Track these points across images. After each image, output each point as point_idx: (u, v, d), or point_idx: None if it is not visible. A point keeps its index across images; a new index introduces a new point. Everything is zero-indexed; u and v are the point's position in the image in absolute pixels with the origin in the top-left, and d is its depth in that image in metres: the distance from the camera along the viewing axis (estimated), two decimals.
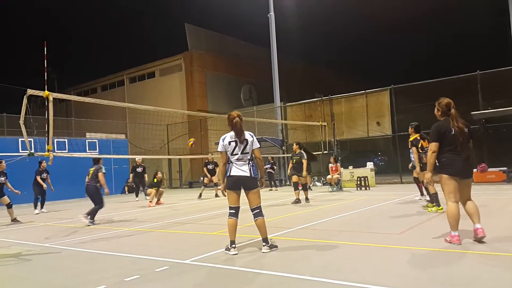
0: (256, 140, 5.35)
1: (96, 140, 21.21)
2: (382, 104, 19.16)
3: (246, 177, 5.17)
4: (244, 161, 5.21)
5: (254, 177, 5.21)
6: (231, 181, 5.21)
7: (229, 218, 5.26)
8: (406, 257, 4.64)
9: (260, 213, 5.24)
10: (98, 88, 36.57)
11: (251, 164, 5.24)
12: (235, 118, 5.19)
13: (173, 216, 10.03)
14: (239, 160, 5.20)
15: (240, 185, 5.24)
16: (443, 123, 5.05)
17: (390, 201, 10.55)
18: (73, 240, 7.21)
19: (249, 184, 5.21)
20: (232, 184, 5.22)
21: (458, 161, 4.92)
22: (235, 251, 5.17)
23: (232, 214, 5.25)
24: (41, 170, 13.10)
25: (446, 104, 5.09)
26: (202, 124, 26.31)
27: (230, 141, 5.22)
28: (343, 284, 3.74)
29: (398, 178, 17.68)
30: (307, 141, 21.00)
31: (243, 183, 5.22)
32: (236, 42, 32.80)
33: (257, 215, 5.23)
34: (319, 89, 29.91)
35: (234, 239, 5.23)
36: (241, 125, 5.21)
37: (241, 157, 5.20)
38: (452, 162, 4.93)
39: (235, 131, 5.21)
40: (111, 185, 22.28)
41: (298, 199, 11.32)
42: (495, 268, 4.01)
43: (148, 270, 4.66)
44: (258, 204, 5.25)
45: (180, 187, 25.92)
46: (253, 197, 5.24)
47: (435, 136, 5.02)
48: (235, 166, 5.20)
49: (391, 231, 6.33)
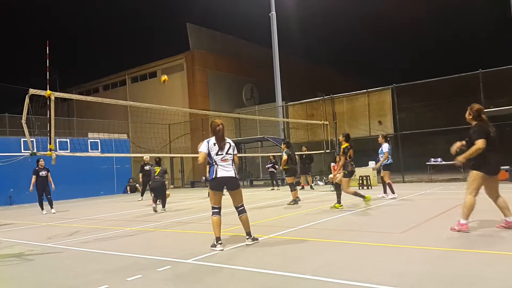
0: (235, 147, 5.75)
1: (98, 140, 21.24)
2: (384, 103, 19.13)
3: (231, 177, 5.54)
4: (229, 161, 5.56)
5: (237, 177, 5.64)
6: (216, 182, 5.55)
7: (213, 216, 5.57)
8: (408, 256, 4.65)
9: (244, 210, 5.72)
10: (100, 88, 36.61)
11: (233, 164, 5.61)
12: (219, 125, 5.58)
13: (175, 216, 10.04)
14: (224, 161, 5.54)
15: (224, 186, 5.62)
16: (484, 125, 5.46)
17: (392, 200, 10.54)
18: (76, 240, 7.22)
19: (233, 184, 5.61)
20: (216, 185, 5.57)
21: (495, 161, 5.43)
22: (221, 247, 5.43)
23: (216, 212, 5.59)
24: (38, 169, 12.77)
25: (477, 110, 5.52)
26: (204, 123, 26.32)
27: (214, 143, 5.59)
28: (344, 283, 3.74)
29: (400, 177, 17.65)
30: (309, 140, 21.01)
31: (227, 183, 5.59)
32: (237, 41, 32.78)
33: (242, 212, 5.69)
34: (321, 88, 29.85)
35: (220, 236, 5.52)
36: (223, 132, 5.61)
37: (226, 157, 5.55)
38: (491, 162, 5.39)
39: (216, 138, 5.58)
40: (113, 184, 22.37)
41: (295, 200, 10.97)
42: (499, 267, 3.99)
43: (150, 269, 4.66)
44: (242, 202, 5.72)
45: (182, 187, 25.96)
46: (237, 196, 5.68)
47: (484, 134, 5.35)
48: (220, 167, 5.52)
49: (393, 230, 6.33)
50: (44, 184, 12.82)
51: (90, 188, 20.69)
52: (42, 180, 12.78)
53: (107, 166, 21.93)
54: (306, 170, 17.20)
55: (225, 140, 5.63)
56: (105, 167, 21.84)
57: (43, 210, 12.80)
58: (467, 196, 5.53)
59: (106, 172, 21.94)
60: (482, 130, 5.41)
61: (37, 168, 12.84)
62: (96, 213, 12.20)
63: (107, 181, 21.96)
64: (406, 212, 8.46)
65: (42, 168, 12.84)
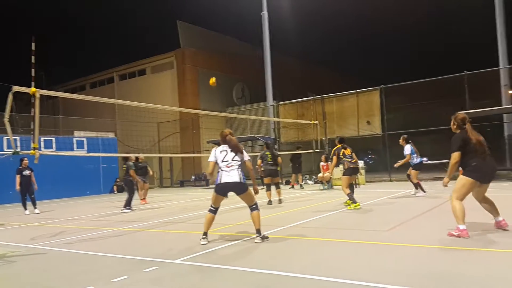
0: (247, 154, 5.89)
1: (85, 139, 20.95)
2: (373, 104, 19.27)
3: (235, 182, 5.66)
4: (233, 166, 5.70)
5: (243, 182, 5.70)
6: (220, 187, 5.73)
7: (208, 213, 5.83)
8: (395, 254, 4.68)
9: (256, 208, 5.80)
10: (87, 86, 36.15)
11: (239, 170, 5.74)
12: (228, 135, 5.81)
13: (163, 216, 9.95)
14: (229, 166, 5.69)
15: (228, 191, 5.78)
16: (461, 134, 5.44)
17: (380, 198, 10.61)
18: (60, 240, 7.09)
19: (238, 188, 5.73)
20: (220, 190, 5.76)
21: (490, 169, 5.38)
22: (205, 241, 5.73)
23: (212, 211, 5.83)
24: (22, 168, 12.47)
25: (461, 119, 5.52)
26: (194, 122, 26.19)
27: (221, 150, 5.81)
28: (333, 281, 3.74)
29: (387, 176, 17.81)
30: (299, 140, 21.07)
31: (233, 188, 5.73)
32: (229, 40, 32.64)
33: (253, 210, 5.80)
34: (312, 88, 29.93)
35: (207, 231, 5.81)
36: (234, 140, 5.82)
37: (231, 163, 5.70)
38: (484, 170, 5.32)
39: (229, 146, 5.78)
40: (99, 184, 22.04)
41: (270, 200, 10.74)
42: (485, 265, 4.03)
43: (136, 270, 4.59)
44: (253, 202, 5.81)
45: (171, 186, 25.80)
46: (246, 198, 5.81)
47: (457, 146, 5.36)
48: (225, 173, 5.69)
49: (380, 228, 6.36)
50: (28, 183, 12.52)
51: (75, 187, 20.29)
52: (25, 179, 12.48)
53: (93, 165, 21.56)
54: (297, 170, 17.26)
55: (239, 147, 5.82)
56: (91, 166, 21.47)
57: (26, 210, 12.51)
58: (454, 201, 5.36)
59: (92, 172, 21.56)
60: (458, 141, 5.38)
61: (20, 167, 12.54)
62: (82, 213, 12.02)
63: (93, 181, 21.60)
64: (393, 210, 8.53)
65: (25, 167, 12.57)
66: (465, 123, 5.47)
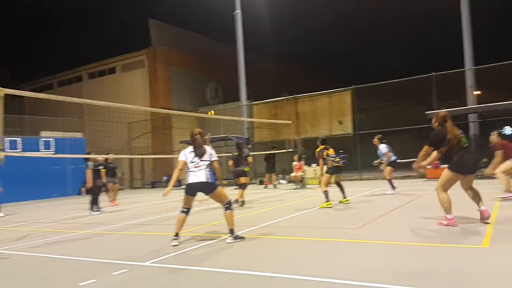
0: (215, 154, 5.91)
1: (52, 139, 20.26)
2: (344, 104, 19.57)
3: (202, 182, 5.66)
4: (201, 167, 5.70)
5: (211, 182, 5.69)
6: (188, 187, 5.77)
7: (180, 213, 5.83)
8: (366, 251, 4.75)
9: (229, 207, 5.81)
10: (54, 84, 35.09)
11: (208, 170, 5.72)
12: (196, 135, 5.82)
13: (133, 218, 9.75)
14: (197, 167, 5.70)
15: (196, 191, 5.79)
16: (439, 131, 5.80)
17: (350, 197, 10.75)
18: (25, 244, 6.83)
19: (205, 188, 5.73)
20: (189, 190, 5.79)
21: (472, 161, 5.70)
22: (177, 242, 5.69)
23: (184, 211, 5.84)
24: None
25: (442, 117, 5.85)
26: (166, 122, 25.83)
27: (190, 151, 5.83)
28: (305, 279, 3.77)
29: (358, 175, 18.13)
30: (273, 140, 21.15)
31: (200, 189, 5.74)
32: (202, 39, 32.36)
33: (226, 209, 5.81)
34: (285, 88, 30.07)
35: (179, 232, 5.78)
36: (200, 141, 5.81)
37: (199, 163, 5.72)
38: (466, 162, 5.64)
39: (194, 146, 5.81)
40: (66, 186, 21.37)
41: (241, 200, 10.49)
42: (454, 260, 4.14)
43: (105, 273, 4.47)
44: (226, 200, 5.82)
45: (142, 187, 25.36)
46: (217, 198, 5.83)
47: (430, 141, 5.82)
48: (192, 173, 5.72)
49: (351, 226, 6.45)
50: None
51: (42, 189, 19.56)
52: None
53: (60, 166, 20.86)
54: (271, 169, 17.32)
55: (203, 148, 5.81)
56: (58, 168, 20.78)
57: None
58: (439, 194, 5.75)
59: (59, 173, 20.87)
60: (433, 136, 5.81)
61: None
62: (48, 216, 11.64)
63: (60, 182, 20.89)
64: (364, 208, 8.68)
65: None
66: (446, 120, 5.80)
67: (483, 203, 5.78)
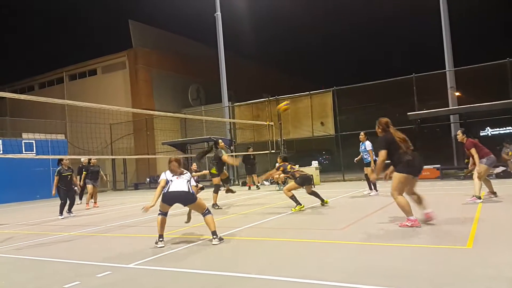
0: (192, 180, 6.12)
1: (33, 141, 19.95)
2: (326, 105, 19.79)
3: (184, 192, 5.75)
4: (183, 179, 5.86)
5: (191, 192, 5.82)
6: (167, 196, 5.79)
7: (159, 216, 5.88)
8: (348, 252, 4.84)
9: (208, 212, 5.87)
10: (35, 86, 34.53)
11: (189, 183, 5.87)
12: (172, 162, 5.97)
13: (117, 219, 9.71)
14: (178, 178, 5.86)
15: (175, 202, 5.87)
16: (385, 136, 5.96)
17: (334, 198, 10.91)
18: (8, 246, 6.77)
19: (186, 199, 5.82)
20: (167, 200, 5.81)
21: (418, 163, 5.84)
22: (162, 244, 5.72)
23: (162, 214, 5.90)
24: None
25: (385, 123, 6.01)
26: (148, 123, 25.67)
27: (172, 175, 5.92)
28: (288, 280, 3.83)
29: (341, 176, 18.35)
30: (255, 141, 21.24)
31: (180, 199, 5.82)
32: (183, 40, 32.29)
33: (205, 214, 5.85)
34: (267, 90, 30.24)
35: (162, 234, 5.83)
36: (177, 166, 5.95)
37: (180, 177, 5.88)
38: (414, 164, 5.77)
39: (171, 171, 5.93)
40: (49, 188, 21.06)
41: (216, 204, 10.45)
42: (436, 260, 4.24)
43: (89, 276, 4.48)
44: (204, 209, 5.88)
45: (125, 189, 25.13)
46: (197, 207, 5.91)
47: (384, 144, 5.86)
48: (174, 182, 5.81)
49: (334, 226, 6.57)
50: None
51: (24, 191, 19.36)
52: None
53: (43, 168, 20.60)
54: (249, 170, 17.39)
55: (179, 170, 5.94)
56: (41, 169, 20.53)
57: None
58: (396, 197, 5.84)
59: (42, 175, 20.61)
60: (383, 140, 5.93)
61: None
62: (31, 218, 11.49)
63: (43, 184, 20.60)
64: (347, 209, 8.80)
65: None
66: (388, 126, 5.98)
67: (425, 207, 6.01)
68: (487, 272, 3.69)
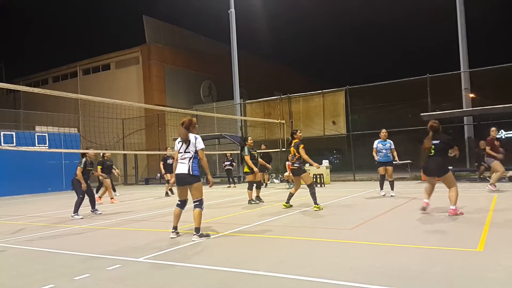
0: (200, 141, 5.86)
1: (46, 134, 20.22)
2: (338, 104, 19.66)
3: (184, 174, 5.80)
4: (185, 159, 5.81)
5: (192, 174, 5.78)
6: (176, 178, 5.93)
7: (175, 208, 6.03)
8: (358, 251, 4.80)
9: (199, 205, 5.85)
10: (49, 79, 34.95)
11: (191, 162, 5.79)
12: (183, 123, 5.89)
13: (127, 214, 9.80)
14: (182, 158, 5.84)
15: (182, 183, 5.91)
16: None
17: (344, 197, 10.85)
18: (20, 238, 6.87)
19: (186, 180, 5.83)
20: (177, 181, 5.95)
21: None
22: (174, 235, 5.98)
23: (178, 205, 6.02)
24: None
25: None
26: (160, 119, 25.81)
27: (179, 141, 5.96)
28: (297, 278, 3.81)
29: (352, 175, 18.23)
30: (266, 139, 21.21)
31: (183, 180, 5.85)
32: (196, 37, 32.40)
33: (195, 207, 5.87)
34: (278, 88, 30.22)
35: (176, 225, 6.03)
36: (185, 128, 5.83)
37: (184, 155, 5.83)
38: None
39: (179, 133, 5.92)
40: (61, 181, 21.39)
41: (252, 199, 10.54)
42: (446, 262, 4.19)
43: (99, 268, 4.52)
44: (198, 198, 5.85)
45: (136, 184, 25.34)
46: (193, 192, 5.86)
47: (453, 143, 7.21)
48: (179, 164, 5.86)
49: (343, 226, 6.52)
50: None
51: (36, 184, 19.70)
52: None
53: (55, 161, 20.93)
54: (263, 168, 17.36)
55: (187, 136, 5.82)
56: (53, 162, 20.85)
57: None
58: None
59: (54, 168, 20.93)
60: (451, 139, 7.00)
61: None
62: (43, 210, 11.66)
63: (55, 177, 20.96)
64: (356, 209, 8.72)
65: None
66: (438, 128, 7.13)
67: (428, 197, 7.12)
68: (499, 276, 3.64)
